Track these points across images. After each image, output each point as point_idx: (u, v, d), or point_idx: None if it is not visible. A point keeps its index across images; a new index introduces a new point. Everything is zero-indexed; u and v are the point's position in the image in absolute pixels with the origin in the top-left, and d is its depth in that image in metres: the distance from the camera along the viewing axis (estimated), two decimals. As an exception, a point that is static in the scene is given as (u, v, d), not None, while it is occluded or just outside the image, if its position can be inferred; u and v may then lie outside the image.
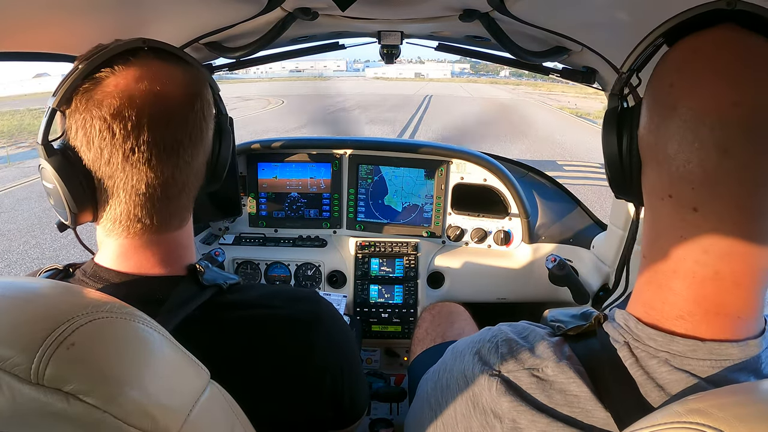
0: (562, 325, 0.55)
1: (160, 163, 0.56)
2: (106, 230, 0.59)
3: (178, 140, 0.57)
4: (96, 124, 0.53)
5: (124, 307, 0.41)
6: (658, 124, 0.46)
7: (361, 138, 1.81)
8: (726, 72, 0.42)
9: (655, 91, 0.47)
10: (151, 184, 0.56)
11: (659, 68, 0.48)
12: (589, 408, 0.46)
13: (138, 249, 0.59)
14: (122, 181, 0.55)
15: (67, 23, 0.79)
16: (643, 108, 0.49)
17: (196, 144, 0.60)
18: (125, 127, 0.53)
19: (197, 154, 0.60)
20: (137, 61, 0.56)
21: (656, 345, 0.46)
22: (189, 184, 0.61)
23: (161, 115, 0.55)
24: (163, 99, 0.55)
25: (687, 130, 0.43)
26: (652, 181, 0.49)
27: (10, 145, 11.94)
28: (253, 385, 0.57)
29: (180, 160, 0.58)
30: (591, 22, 0.90)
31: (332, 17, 1.08)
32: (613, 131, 0.52)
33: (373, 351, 1.69)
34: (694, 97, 0.43)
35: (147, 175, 0.55)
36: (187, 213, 0.64)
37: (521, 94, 36.33)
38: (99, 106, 0.53)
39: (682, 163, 0.44)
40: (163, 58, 0.59)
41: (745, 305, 0.45)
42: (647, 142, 0.48)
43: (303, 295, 0.68)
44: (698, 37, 0.45)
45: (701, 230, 0.44)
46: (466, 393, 0.55)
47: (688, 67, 0.44)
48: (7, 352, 0.34)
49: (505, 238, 1.62)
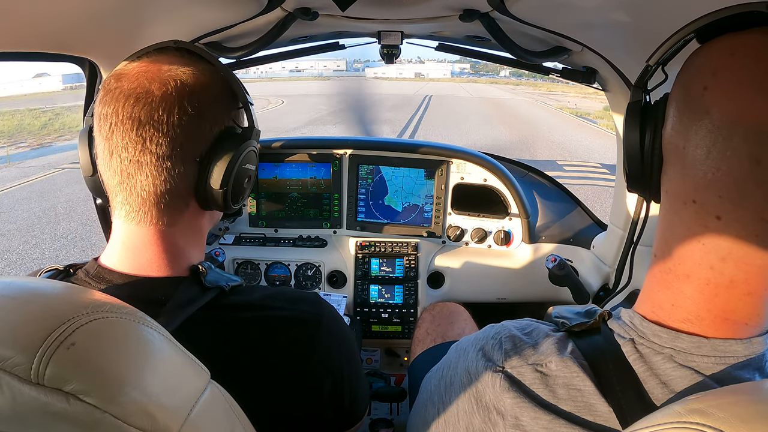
0: (567, 321, 0.55)
1: (170, 159, 0.58)
2: (123, 217, 0.60)
3: (175, 138, 0.59)
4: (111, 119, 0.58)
5: (125, 308, 0.42)
6: (688, 126, 0.45)
7: (361, 138, 1.81)
8: (764, 80, 0.41)
9: (687, 92, 0.46)
10: (162, 177, 0.59)
11: (691, 67, 0.46)
12: (592, 402, 0.46)
13: (146, 244, 0.59)
14: (136, 176, 0.59)
15: (67, 23, 0.79)
16: (671, 106, 0.48)
17: (196, 143, 0.61)
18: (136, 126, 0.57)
19: (198, 151, 0.61)
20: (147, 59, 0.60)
21: (661, 342, 0.46)
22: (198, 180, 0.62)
23: (158, 113, 0.58)
24: (159, 97, 0.57)
25: (719, 136, 0.42)
26: (675, 184, 0.47)
27: (10, 145, 11.95)
28: (253, 386, 0.57)
29: (182, 157, 0.59)
30: (591, 22, 0.90)
31: (332, 17, 1.08)
32: (636, 126, 0.50)
33: (373, 351, 1.69)
34: (730, 104, 0.42)
35: (154, 170, 0.58)
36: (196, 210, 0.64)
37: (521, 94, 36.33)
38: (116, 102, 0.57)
39: (710, 170, 0.43)
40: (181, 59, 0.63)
41: (754, 312, 0.45)
42: (673, 142, 0.47)
43: (304, 297, 0.68)
44: (735, 40, 0.44)
45: (722, 239, 0.43)
46: (470, 389, 0.55)
47: (725, 73, 0.43)
48: (8, 352, 0.34)
49: (506, 238, 1.62)
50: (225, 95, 0.63)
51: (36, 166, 9.24)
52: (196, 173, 0.61)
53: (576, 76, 1.19)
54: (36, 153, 11.04)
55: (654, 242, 0.51)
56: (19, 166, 9.35)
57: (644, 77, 0.52)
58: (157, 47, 0.63)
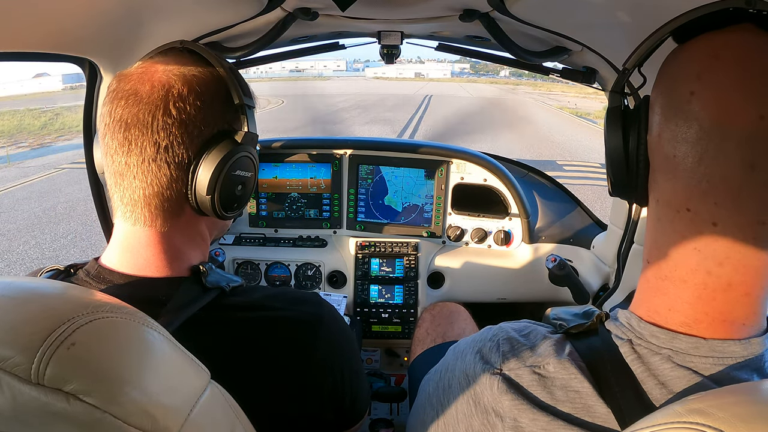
0: (564, 323, 0.55)
1: (164, 161, 0.58)
2: (122, 217, 0.60)
3: (172, 140, 0.59)
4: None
5: (125, 308, 0.42)
6: (676, 132, 0.44)
7: (361, 138, 1.81)
8: (752, 83, 0.40)
9: (672, 98, 0.45)
10: (162, 178, 0.59)
11: (674, 71, 0.45)
12: (590, 404, 0.46)
13: (147, 243, 0.59)
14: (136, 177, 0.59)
15: (68, 24, 0.79)
16: (655, 112, 0.47)
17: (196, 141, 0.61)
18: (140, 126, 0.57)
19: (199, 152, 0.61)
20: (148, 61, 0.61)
21: (659, 342, 0.46)
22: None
23: (156, 115, 0.58)
24: (155, 97, 0.57)
25: (710, 143, 0.41)
26: (667, 192, 0.46)
27: (10, 145, 11.95)
28: (254, 386, 0.57)
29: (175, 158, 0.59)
30: (591, 22, 0.90)
31: (332, 17, 1.09)
32: (618, 132, 0.49)
33: (373, 351, 1.69)
34: (718, 109, 0.41)
35: (158, 170, 0.59)
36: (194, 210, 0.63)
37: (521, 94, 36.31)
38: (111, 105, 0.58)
39: (704, 178, 0.42)
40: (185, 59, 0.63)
41: (752, 312, 0.45)
42: (662, 150, 0.46)
43: (305, 297, 0.68)
44: (716, 40, 0.43)
45: (719, 244, 0.43)
46: (468, 392, 0.55)
47: (710, 76, 0.42)
48: (8, 352, 0.34)
49: (505, 238, 1.62)
50: (220, 98, 0.61)
51: (36, 166, 9.24)
52: (185, 178, 0.59)
53: (576, 76, 1.19)
54: (36, 153, 11.05)
55: (644, 248, 0.51)
56: (19, 166, 9.35)
57: (622, 81, 0.51)
58: (163, 48, 0.63)
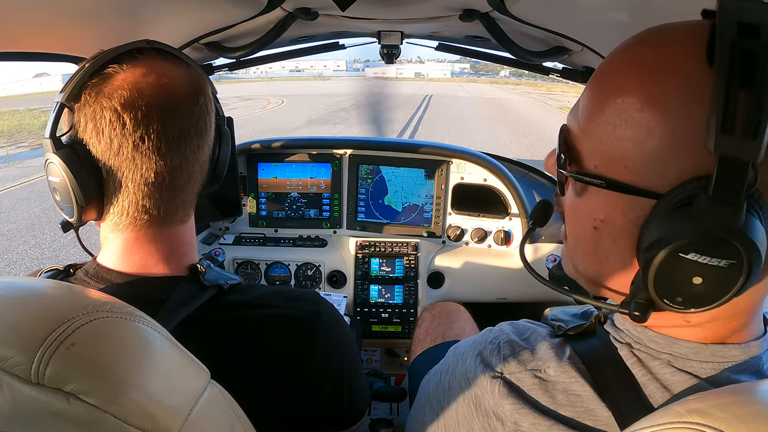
0: (563, 324, 0.55)
1: (169, 152, 0.57)
2: (112, 225, 0.59)
3: (185, 131, 0.59)
4: (106, 114, 0.55)
5: (125, 307, 0.42)
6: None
7: (361, 138, 1.81)
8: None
9: None
10: (159, 173, 0.57)
11: None
12: (592, 407, 0.46)
13: (143, 243, 0.60)
14: (131, 171, 0.56)
15: (68, 23, 0.79)
16: None
17: (201, 136, 0.61)
18: (135, 117, 0.55)
19: (202, 146, 0.62)
20: (143, 58, 0.58)
21: (658, 347, 0.46)
22: (194, 177, 0.62)
23: (169, 106, 0.57)
24: (170, 91, 0.57)
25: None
26: None
27: (10, 144, 11.95)
28: (253, 385, 0.57)
29: (187, 151, 0.60)
30: (591, 22, 0.90)
31: (332, 17, 1.09)
32: None
33: (373, 351, 1.69)
34: None
35: (156, 163, 0.57)
36: (191, 208, 0.65)
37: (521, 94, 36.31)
38: (109, 98, 0.55)
39: None
40: (167, 58, 0.61)
41: (752, 316, 0.45)
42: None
43: (304, 296, 0.68)
44: None
45: None
46: (468, 395, 0.55)
47: None
48: (7, 352, 0.34)
49: (505, 238, 1.62)
50: (209, 89, 0.63)
51: (36, 166, 9.22)
52: (207, 167, 0.64)
53: (576, 76, 1.19)
54: (36, 153, 11.02)
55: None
56: (19, 166, 9.35)
57: None
58: (130, 48, 0.59)
